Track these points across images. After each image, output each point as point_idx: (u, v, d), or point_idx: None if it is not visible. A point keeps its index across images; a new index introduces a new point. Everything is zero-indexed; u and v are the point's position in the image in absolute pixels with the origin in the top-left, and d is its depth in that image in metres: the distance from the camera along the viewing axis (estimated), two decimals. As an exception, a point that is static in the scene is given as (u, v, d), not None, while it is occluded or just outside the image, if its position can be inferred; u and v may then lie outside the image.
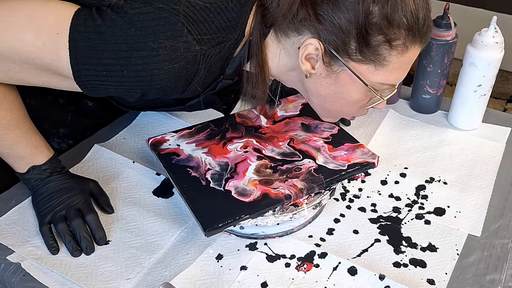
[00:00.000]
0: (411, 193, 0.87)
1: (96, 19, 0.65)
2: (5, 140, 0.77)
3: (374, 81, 0.73)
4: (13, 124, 0.76)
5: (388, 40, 0.69)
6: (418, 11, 0.68)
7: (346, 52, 0.70)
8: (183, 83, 0.71)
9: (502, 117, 1.05)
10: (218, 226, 0.72)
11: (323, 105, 0.80)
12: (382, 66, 0.71)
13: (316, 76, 0.74)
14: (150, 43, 0.65)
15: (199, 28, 0.67)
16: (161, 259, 0.76)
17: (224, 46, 0.71)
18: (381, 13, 0.67)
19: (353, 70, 0.71)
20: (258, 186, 0.78)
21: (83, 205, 0.80)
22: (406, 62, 0.73)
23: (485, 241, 0.79)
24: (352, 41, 0.69)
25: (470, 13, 2.44)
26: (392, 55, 0.70)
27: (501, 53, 0.92)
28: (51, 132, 0.96)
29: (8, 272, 0.73)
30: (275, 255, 0.77)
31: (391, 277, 0.73)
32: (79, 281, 0.72)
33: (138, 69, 0.66)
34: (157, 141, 0.88)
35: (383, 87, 0.75)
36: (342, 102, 0.77)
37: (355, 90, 0.74)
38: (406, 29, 0.68)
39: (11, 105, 0.75)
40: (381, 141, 0.98)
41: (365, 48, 0.69)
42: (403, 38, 0.69)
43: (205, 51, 0.69)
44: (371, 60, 0.70)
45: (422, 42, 0.72)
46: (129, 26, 0.65)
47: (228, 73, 0.76)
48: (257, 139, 0.89)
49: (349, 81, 0.73)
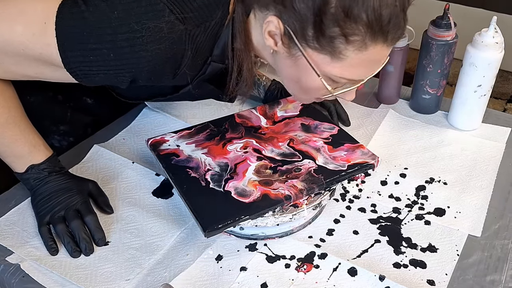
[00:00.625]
0: (411, 194, 0.87)
1: (80, 5, 0.67)
2: (3, 138, 0.77)
3: (330, 72, 0.70)
4: (10, 122, 0.77)
5: (344, 34, 0.65)
6: (381, 7, 0.64)
7: (304, 37, 0.68)
8: (172, 65, 0.71)
9: (502, 117, 1.05)
10: (218, 227, 0.72)
11: (289, 84, 0.78)
12: (339, 59, 0.68)
13: (279, 54, 0.73)
14: (133, 24, 0.66)
15: (181, 7, 0.68)
16: (160, 260, 0.76)
17: (209, 25, 0.71)
18: (339, 4, 0.63)
19: (307, 57, 0.69)
20: (258, 187, 0.78)
21: (82, 205, 0.80)
22: (368, 60, 0.69)
23: (485, 241, 0.79)
24: (310, 27, 0.66)
25: (470, 13, 2.43)
26: (349, 50, 0.67)
27: (501, 53, 0.92)
28: (52, 130, 0.96)
29: (7, 273, 0.73)
30: (275, 256, 0.76)
31: (391, 277, 0.73)
32: (79, 282, 0.72)
33: (124, 52, 0.67)
34: (156, 142, 0.88)
35: (342, 80, 0.72)
36: (302, 85, 0.75)
37: (311, 77, 0.72)
38: (365, 25, 0.64)
39: (8, 103, 0.76)
40: (381, 142, 0.98)
41: (322, 38, 0.66)
42: (362, 34, 0.65)
43: (190, 30, 0.69)
44: (328, 51, 0.67)
45: (386, 40, 0.67)
46: (112, 9, 0.66)
47: (216, 53, 0.76)
48: (256, 139, 0.88)
49: (306, 67, 0.70)
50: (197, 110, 1.06)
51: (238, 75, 0.77)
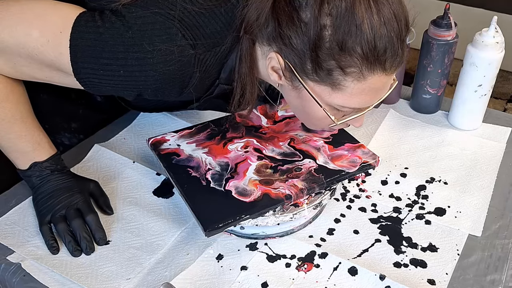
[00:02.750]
0: (411, 193, 0.87)
1: (97, 21, 0.69)
2: (9, 134, 0.78)
3: (332, 102, 0.71)
4: (17, 117, 0.77)
5: (341, 66, 0.66)
6: (375, 39, 0.64)
7: (303, 71, 0.69)
8: (179, 85, 0.73)
9: (502, 117, 1.05)
10: (219, 226, 0.72)
11: (298, 114, 0.81)
12: (339, 90, 0.69)
13: (284, 86, 0.75)
14: (146, 45, 0.68)
15: (193, 33, 0.70)
16: (161, 259, 0.76)
17: (219, 50, 0.73)
18: (333, 38, 0.64)
19: (309, 89, 0.70)
20: (258, 186, 0.78)
21: (83, 205, 0.80)
22: (369, 89, 0.69)
23: (485, 241, 0.79)
24: (308, 62, 0.68)
25: (470, 13, 2.44)
26: (348, 80, 0.67)
27: (502, 53, 0.92)
28: (63, 127, 0.97)
29: (8, 273, 0.73)
30: (275, 255, 0.76)
31: (391, 277, 0.73)
32: (79, 281, 0.72)
33: (134, 70, 0.69)
34: (157, 141, 0.88)
35: (345, 109, 0.72)
36: (309, 116, 0.76)
37: (315, 107, 0.73)
38: (360, 57, 0.65)
39: (17, 99, 0.77)
40: (382, 141, 0.98)
41: (319, 71, 0.68)
42: (358, 65, 0.66)
43: (200, 55, 0.71)
44: (327, 83, 0.69)
45: (385, 69, 0.67)
46: (127, 29, 0.68)
47: (223, 76, 0.78)
48: (257, 139, 0.89)
49: (309, 98, 0.72)
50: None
51: (241, 97, 0.78)
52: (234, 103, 0.79)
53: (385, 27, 0.64)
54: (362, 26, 0.63)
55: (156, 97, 0.75)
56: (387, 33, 0.65)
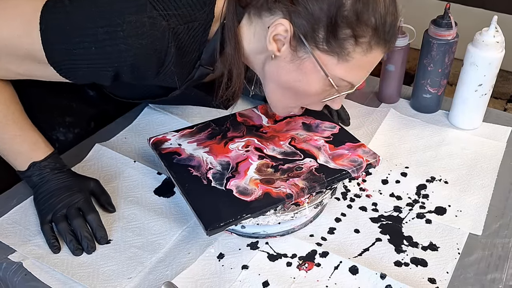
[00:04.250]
0: (412, 192, 0.87)
1: (64, 1, 0.68)
2: (3, 134, 0.78)
3: (334, 74, 0.73)
4: (9, 119, 0.77)
5: (355, 35, 0.69)
6: (386, 15, 0.69)
7: (314, 39, 0.70)
8: (155, 62, 0.72)
9: (502, 117, 1.05)
10: (220, 225, 0.72)
11: (278, 91, 0.79)
12: (345, 61, 0.71)
13: (280, 59, 0.74)
14: (115, 18, 0.67)
15: (164, 4, 0.69)
16: (162, 258, 0.76)
17: (193, 26, 0.72)
18: (352, 8, 0.67)
19: (318, 59, 0.71)
20: (259, 185, 0.78)
21: (84, 204, 0.80)
22: (368, 63, 0.73)
23: (486, 240, 0.79)
24: (321, 29, 0.69)
25: (470, 13, 2.44)
26: (357, 51, 0.70)
27: (502, 52, 0.92)
28: (58, 121, 0.97)
29: (9, 272, 0.73)
30: (276, 254, 0.77)
31: (392, 276, 0.73)
32: (81, 280, 0.72)
33: (105, 45, 0.68)
34: (158, 141, 0.88)
35: (342, 83, 0.75)
36: (298, 90, 0.76)
37: (315, 80, 0.74)
38: (373, 28, 0.69)
39: (7, 100, 0.77)
40: (382, 141, 0.98)
41: (332, 39, 0.69)
42: (369, 37, 0.70)
43: (173, 28, 0.70)
44: (336, 53, 0.70)
45: (385, 46, 0.72)
46: (94, 3, 0.67)
47: (205, 57, 0.76)
48: (258, 138, 0.89)
49: (311, 70, 0.72)
50: (198, 109, 1.06)
51: (229, 80, 0.78)
52: (222, 87, 0.78)
53: (393, 6, 0.70)
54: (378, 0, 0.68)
55: (134, 78, 0.73)
56: (394, 12, 0.70)
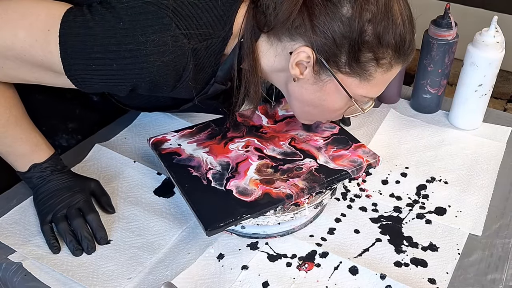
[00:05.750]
0: (412, 193, 0.87)
1: (86, 15, 0.67)
2: (5, 138, 0.78)
3: (356, 93, 0.75)
4: (11, 121, 0.77)
5: (376, 58, 0.71)
6: (406, 34, 0.71)
7: (336, 63, 0.72)
8: (173, 78, 0.71)
9: (503, 117, 1.05)
10: (219, 226, 0.72)
11: (303, 108, 0.81)
12: (367, 81, 0.74)
13: (303, 81, 0.75)
14: (139, 36, 0.66)
15: (187, 22, 0.69)
16: (162, 258, 0.76)
17: (212, 43, 0.72)
18: (374, 33, 0.69)
19: (341, 82, 0.73)
20: (259, 186, 0.78)
21: (84, 204, 0.80)
22: (388, 79, 0.76)
23: (486, 240, 0.79)
24: (343, 54, 0.71)
25: (470, 13, 2.44)
26: (378, 72, 0.73)
27: (502, 52, 0.92)
28: (60, 128, 0.97)
29: (9, 272, 0.73)
30: (276, 255, 0.77)
31: (392, 276, 0.73)
32: (81, 281, 0.72)
33: (127, 62, 0.68)
34: (158, 141, 0.88)
35: (364, 99, 0.78)
36: (323, 108, 0.79)
37: (338, 99, 0.76)
38: (393, 49, 0.71)
39: (9, 103, 0.76)
40: (382, 141, 0.98)
41: (354, 63, 0.71)
42: (390, 57, 0.72)
43: (193, 45, 0.70)
44: (358, 74, 0.73)
45: (404, 62, 0.75)
46: (118, 20, 0.66)
47: (220, 75, 0.77)
48: (258, 138, 0.89)
49: (334, 91, 0.75)
50: (198, 109, 1.06)
51: (246, 95, 0.79)
52: (239, 102, 0.79)
53: (409, 23, 0.72)
54: (397, 20, 0.70)
55: (150, 92, 0.73)
56: (411, 29, 0.72)
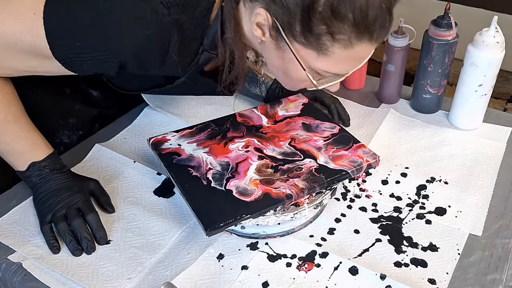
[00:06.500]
0: (412, 193, 0.87)
1: None
2: (4, 136, 0.78)
3: (316, 66, 0.72)
4: (10, 118, 0.77)
5: (331, 32, 0.67)
6: (368, 8, 0.65)
7: (291, 32, 0.69)
8: (159, 51, 0.72)
9: (503, 117, 1.05)
10: (219, 226, 0.72)
11: (277, 74, 0.80)
12: (325, 55, 0.70)
13: (267, 44, 0.74)
14: (117, 9, 0.67)
15: None
16: (162, 258, 0.76)
17: (194, 13, 0.72)
18: (327, 3, 0.65)
19: (294, 52, 0.71)
20: (259, 186, 0.78)
21: (83, 204, 0.80)
22: (354, 57, 0.71)
23: (486, 240, 0.79)
24: (297, 23, 0.68)
25: (470, 13, 2.44)
26: (335, 47, 0.69)
27: (502, 52, 0.92)
28: (61, 124, 0.97)
29: (9, 272, 0.73)
30: (276, 255, 0.77)
31: (392, 276, 0.73)
32: (80, 281, 0.72)
33: (110, 35, 0.68)
34: (158, 141, 0.88)
35: (327, 74, 0.74)
36: (289, 76, 0.77)
37: (297, 70, 0.74)
38: (351, 25, 0.66)
39: (7, 99, 0.77)
40: (382, 141, 0.98)
41: (309, 34, 0.68)
42: (348, 33, 0.67)
43: (174, 16, 0.70)
44: (314, 47, 0.70)
45: (372, 39, 0.69)
46: None
47: (207, 42, 0.77)
48: (258, 138, 0.89)
49: (292, 60, 0.72)
50: (198, 109, 1.06)
51: (231, 63, 0.78)
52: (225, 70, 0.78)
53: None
54: None
55: (138, 68, 0.74)
56: (378, 3, 0.66)
